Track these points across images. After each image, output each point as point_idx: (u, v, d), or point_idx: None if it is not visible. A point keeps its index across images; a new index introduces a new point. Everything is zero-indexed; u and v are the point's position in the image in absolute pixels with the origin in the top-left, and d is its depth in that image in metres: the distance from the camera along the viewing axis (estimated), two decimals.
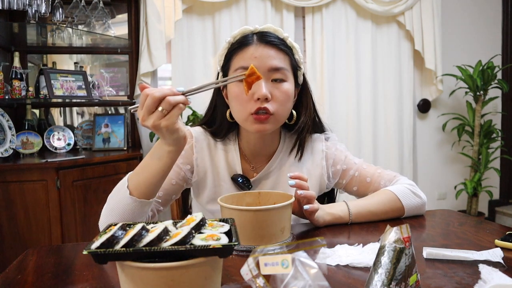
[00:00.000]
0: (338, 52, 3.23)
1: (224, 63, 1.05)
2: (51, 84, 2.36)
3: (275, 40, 1.01)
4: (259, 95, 0.96)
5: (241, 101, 1.00)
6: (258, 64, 0.97)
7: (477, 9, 3.64)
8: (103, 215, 0.94)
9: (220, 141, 1.12)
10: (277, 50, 1.00)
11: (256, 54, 0.98)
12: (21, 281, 0.74)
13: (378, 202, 1.05)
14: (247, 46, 1.00)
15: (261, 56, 0.98)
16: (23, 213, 2.04)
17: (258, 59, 0.98)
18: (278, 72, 1.00)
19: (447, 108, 3.60)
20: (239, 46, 1.01)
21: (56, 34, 2.61)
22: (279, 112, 1.01)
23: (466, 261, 0.78)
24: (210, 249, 0.56)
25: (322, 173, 1.13)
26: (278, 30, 1.03)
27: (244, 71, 0.89)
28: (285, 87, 1.01)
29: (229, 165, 1.10)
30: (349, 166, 1.14)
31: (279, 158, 1.12)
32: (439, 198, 3.66)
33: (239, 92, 0.99)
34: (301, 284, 0.53)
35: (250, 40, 1.00)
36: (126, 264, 0.56)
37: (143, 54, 2.77)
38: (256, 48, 0.99)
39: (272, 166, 1.11)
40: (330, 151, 1.14)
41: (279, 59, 1.00)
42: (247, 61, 0.98)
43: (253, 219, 0.83)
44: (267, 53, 0.99)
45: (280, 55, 1.01)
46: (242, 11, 3.00)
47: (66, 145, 2.58)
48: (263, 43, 0.99)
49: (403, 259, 0.58)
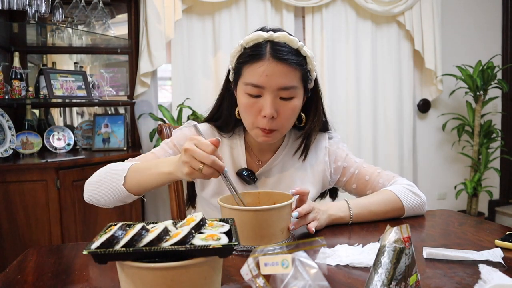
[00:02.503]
0: (338, 52, 3.23)
1: (236, 68, 1.04)
2: (51, 84, 2.36)
3: (288, 55, 0.98)
4: (266, 114, 0.98)
5: (249, 113, 1.01)
6: (268, 82, 0.97)
7: (477, 9, 3.64)
8: (90, 186, 1.02)
9: (227, 137, 1.13)
10: (288, 67, 0.98)
11: (267, 72, 0.97)
12: (21, 281, 0.74)
13: (379, 202, 1.05)
14: (260, 60, 0.97)
15: (272, 75, 0.97)
16: (23, 213, 2.04)
17: (269, 77, 0.97)
18: (286, 91, 0.99)
19: (447, 108, 3.60)
20: (251, 57, 0.99)
21: (56, 34, 2.61)
22: (284, 126, 1.03)
23: (466, 261, 0.77)
24: (210, 249, 0.56)
25: (325, 168, 1.15)
26: (292, 41, 0.99)
27: (254, 88, 0.97)
28: (292, 104, 1.01)
29: (234, 161, 1.12)
30: (349, 164, 1.15)
31: (284, 153, 1.14)
32: (439, 198, 3.66)
33: (247, 104, 1.01)
34: (301, 284, 0.53)
35: (263, 52, 0.98)
36: (126, 264, 0.56)
37: (143, 54, 2.77)
38: (268, 65, 0.97)
39: (276, 161, 1.13)
40: (333, 148, 1.16)
41: (290, 78, 0.98)
42: (258, 78, 0.97)
43: (253, 219, 0.83)
44: (279, 71, 0.97)
45: (291, 72, 0.98)
46: (242, 11, 3.00)
47: (66, 145, 2.57)
48: (276, 60, 0.97)
49: (403, 259, 0.58)
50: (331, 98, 3.21)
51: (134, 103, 2.90)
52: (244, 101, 1.01)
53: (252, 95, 0.99)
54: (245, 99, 1.01)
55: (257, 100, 0.99)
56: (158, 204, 2.96)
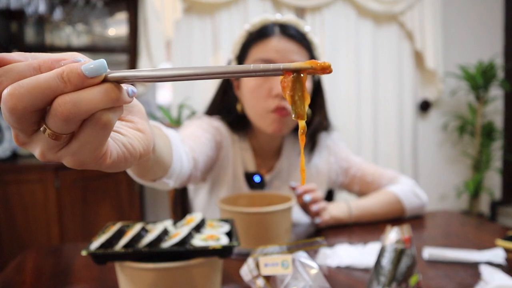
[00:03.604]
0: (338, 52, 3.23)
1: (240, 53, 0.99)
2: None
3: (297, 34, 0.96)
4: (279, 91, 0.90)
5: (258, 97, 0.94)
6: (278, 57, 0.92)
7: (479, 8, 3.63)
8: None
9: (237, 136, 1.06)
10: (299, 45, 0.95)
11: (278, 48, 0.93)
12: (20, 281, 0.73)
13: (380, 204, 1.04)
14: (268, 37, 0.94)
15: (283, 50, 0.93)
16: (22, 214, 2.03)
17: (280, 53, 0.93)
18: None
19: (448, 108, 3.60)
20: (259, 36, 0.95)
21: (54, 33, 2.60)
22: None
23: (467, 262, 0.77)
24: (210, 249, 0.56)
25: (330, 169, 1.13)
26: (299, 24, 0.97)
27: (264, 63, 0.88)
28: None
29: (244, 163, 1.06)
30: (350, 164, 1.14)
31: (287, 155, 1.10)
32: (440, 199, 3.65)
33: (255, 86, 0.94)
34: (301, 285, 0.52)
35: (271, 31, 0.95)
36: (125, 264, 0.55)
37: (142, 54, 2.76)
38: (279, 41, 0.93)
39: (283, 164, 1.09)
40: (335, 148, 1.14)
41: (300, 55, 0.95)
42: (268, 54, 0.93)
43: (259, 221, 0.81)
44: (290, 48, 0.93)
45: (301, 50, 0.95)
46: (242, 11, 3.00)
47: None
48: (286, 36, 0.94)
49: (403, 259, 0.58)
50: (332, 98, 3.21)
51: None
52: (252, 83, 0.94)
53: None
54: (253, 80, 0.94)
55: (266, 79, 0.93)
56: (158, 204, 2.96)
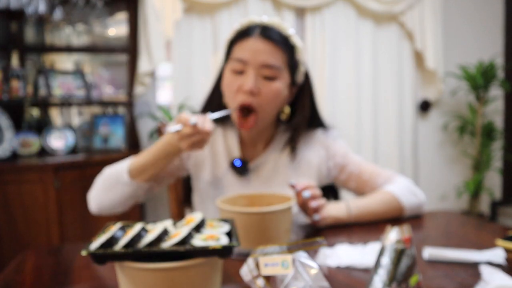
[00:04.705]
0: (339, 52, 3.23)
1: (227, 49, 1.06)
2: (50, 84, 2.35)
3: (276, 36, 1.00)
4: (246, 86, 0.97)
5: (230, 91, 1.01)
6: (252, 57, 0.98)
7: (479, 8, 3.63)
8: (94, 194, 1.03)
9: (219, 126, 1.13)
10: (274, 47, 1.00)
11: (253, 48, 0.99)
12: (19, 282, 0.73)
13: (379, 203, 1.05)
14: (248, 37, 1.00)
15: (256, 50, 0.99)
16: (22, 214, 2.03)
17: (253, 53, 0.98)
18: (269, 69, 0.99)
19: (449, 108, 3.59)
20: (241, 35, 1.02)
21: (54, 33, 2.60)
22: (264, 109, 1.01)
23: (468, 262, 0.77)
24: (210, 250, 0.56)
25: (320, 163, 1.13)
26: (282, 26, 1.02)
27: (238, 64, 0.98)
28: (275, 85, 1.00)
29: (228, 151, 1.11)
30: (348, 161, 1.14)
31: (275, 147, 1.12)
32: (441, 199, 3.65)
33: (229, 82, 1.01)
34: (302, 285, 0.52)
35: (252, 31, 1.01)
36: (125, 264, 0.55)
37: (142, 54, 2.76)
38: (255, 41, 0.99)
39: (268, 155, 1.11)
40: (329, 144, 1.15)
41: (274, 57, 1.00)
42: (243, 53, 0.99)
43: (259, 221, 0.81)
44: (264, 48, 0.99)
45: (277, 52, 1.00)
46: (242, 11, 3.00)
47: (65, 146, 2.57)
48: (263, 37, 0.99)
49: (404, 259, 0.58)
50: (332, 98, 3.21)
51: (133, 103, 2.89)
52: (227, 78, 1.02)
53: (236, 70, 1.00)
54: (228, 75, 1.01)
55: (239, 76, 1.00)
56: (158, 204, 2.96)
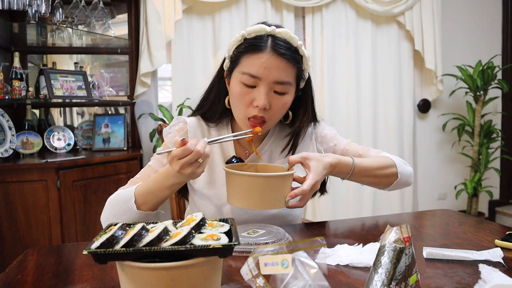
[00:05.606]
0: (338, 52, 3.23)
1: (234, 56, 1.05)
2: (51, 84, 2.36)
3: (288, 51, 1.01)
4: (259, 104, 0.99)
5: (241, 103, 1.03)
6: (266, 74, 0.99)
7: (477, 9, 3.64)
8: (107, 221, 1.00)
9: (213, 126, 1.15)
10: (286, 64, 1.00)
11: (266, 65, 0.99)
12: (21, 281, 0.74)
13: (378, 162, 1.09)
14: (260, 51, 0.99)
15: (270, 68, 0.99)
16: (23, 213, 2.04)
17: (267, 70, 0.99)
18: (281, 86, 1.01)
19: (447, 108, 3.60)
20: (252, 48, 1.01)
21: (56, 34, 2.61)
22: (273, 119, 1.05)
23: (466, 261, 0.78)
24: (210, 249, 0.56)
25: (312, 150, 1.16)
26: (293, 38, 1.02)
27: (250, 78, 0.99)
28: (284, 99, 1.03)
29: (223, 150, 1.13)
30: (339, 141, 1.19)
31: (270, 143, 1.16)
32: (439, 198, 3.65)
33: (241, 94, 1.02)
34: (301, 284, 0.53)
35: (264, 44, 1.00)
36: (126, 264, 0.56)
37: (143, 54, 2.77)
38: (268, 58, 0.99)
39: (262, 150, 1.14)
40: (319, 131, 1.19)
41: (286, 73, 1.01)
42: (256, 69, 0.99)
43: (262, 184, 0.89)
44: (277, 65, 0.99)
45: (288, 68, 1.01)
46: (242, 11, 3.00)
47: (66, 145, 2.57)
48: (276, 54, 0.99)
49: (403, 259, 0.58)
50: (331, 98, 3.21)
51: (134, 103, 2.90)
52: (237, 90, 1.02)
53: (247, 84, 1.01)
54: (239, 88, 1.02)
55: (251, 90, 1.01)
56: None
